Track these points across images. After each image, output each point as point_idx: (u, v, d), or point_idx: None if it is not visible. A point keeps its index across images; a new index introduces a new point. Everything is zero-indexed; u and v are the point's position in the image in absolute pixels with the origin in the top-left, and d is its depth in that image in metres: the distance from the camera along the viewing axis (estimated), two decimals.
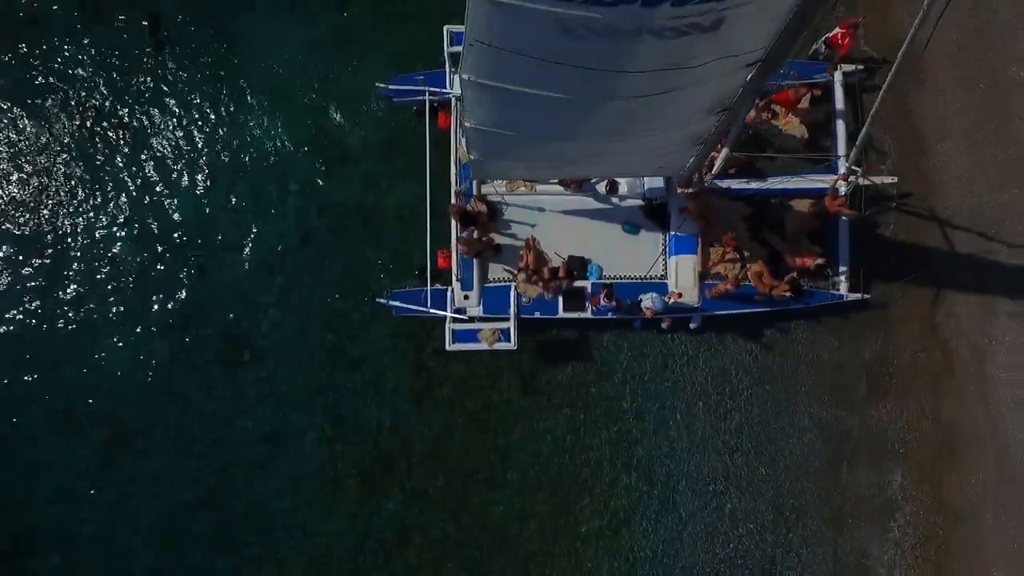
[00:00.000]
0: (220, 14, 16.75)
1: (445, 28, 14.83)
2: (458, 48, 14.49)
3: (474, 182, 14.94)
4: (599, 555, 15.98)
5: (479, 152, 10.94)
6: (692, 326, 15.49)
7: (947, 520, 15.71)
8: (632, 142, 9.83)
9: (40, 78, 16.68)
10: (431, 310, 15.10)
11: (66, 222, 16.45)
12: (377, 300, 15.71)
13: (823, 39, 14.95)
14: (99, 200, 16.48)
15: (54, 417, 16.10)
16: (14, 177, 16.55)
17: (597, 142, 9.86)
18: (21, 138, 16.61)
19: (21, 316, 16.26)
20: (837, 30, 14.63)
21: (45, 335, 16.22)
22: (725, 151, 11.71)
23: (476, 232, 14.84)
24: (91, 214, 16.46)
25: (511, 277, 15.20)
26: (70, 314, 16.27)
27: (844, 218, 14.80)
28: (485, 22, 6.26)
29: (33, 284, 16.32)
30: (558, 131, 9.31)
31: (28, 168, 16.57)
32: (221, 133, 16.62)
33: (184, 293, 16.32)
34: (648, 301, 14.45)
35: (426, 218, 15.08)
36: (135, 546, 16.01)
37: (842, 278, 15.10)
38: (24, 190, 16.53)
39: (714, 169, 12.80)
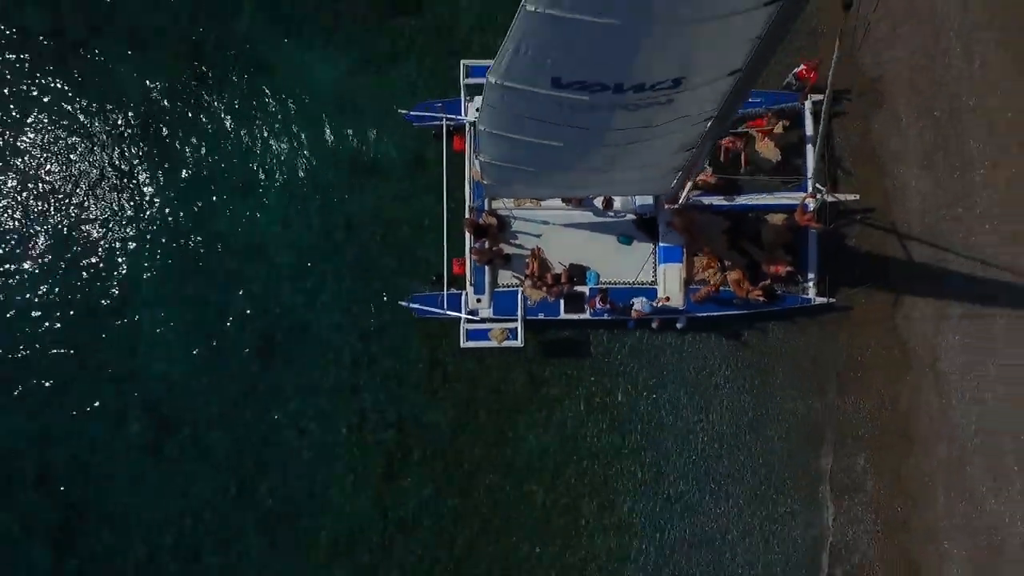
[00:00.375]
0: (258, 47, 18.77)
1: (462, 63, 16.88)
2: (473, 80, 16.64)
3: (486, 199, 16.93)
4: (595, 530, 18.00)
5: (491, 179, 12.97)
6: (678, 326, 17.42)
7: (905, 501, 17.62)
8: (620, 173, 11.86)
9: (90, 100, 18.74)
10: (447, 312, 17.11)
11: (110, 229, 18.49)
12: (399, 303, 17.71)
13: (792, 73, 16.88)
14: (144, 209, 18.52)
15: (103, 408, 18.20)
16: (73, 188, 18.65)
17: (592, 174, 11.90)
18: (75, 154, 18.66)
19: (72, 313, 18.38)
20: (802, 66, 16.57)
21: (96, 332, 18.31)
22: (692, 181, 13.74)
23: (487, 243, 16.84)
24: (135, 223, 18.48)
25: (518, 283, 17.19)
26: (114, 314, 18.36)
27: (813, 231, 16.75)
28: (498, 95, 8.29)
29: (86, 284, 18.45)
30: (558, 166, 11.36)
31: (83, 181, 18.62)
32: (261, 152, 18.56)
33: (222, 294, 18.33)
34: (639, 304, 16.45)
35: (443, 230, 17.15)
36: (173, 527, 18.08)
37: (811, 284, 17.04)
38: (76, 201, 18.63)
39: (682, 195, 14.77)
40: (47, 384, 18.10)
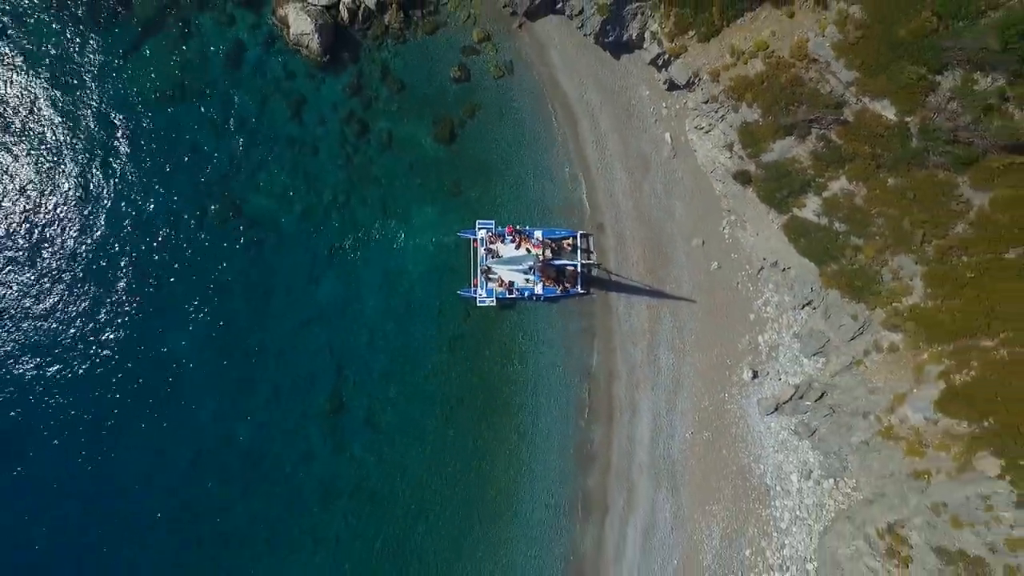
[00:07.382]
0: (401, 208, 58.21)
1: (477, 221, 56.81)
2: (479, 225, 57.11)
3: (487, 263, 56.74)
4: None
5: (489, 263, 53.05)
6: (543, 299, 57.65)
7: (609, 345, 58.10)
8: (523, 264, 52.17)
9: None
10: (472, 295, 57.09)
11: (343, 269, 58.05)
12: (456, 292, 57.37)
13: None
14: (369, 273, 58.25)
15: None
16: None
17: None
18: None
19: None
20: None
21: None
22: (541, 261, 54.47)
23: (486, 275, 56.79)
24: (360, 275, 58.16)
25: (495, 286, 57.15)
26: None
27: (581, 272, 57.13)
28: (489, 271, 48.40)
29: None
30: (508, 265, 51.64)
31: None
32: (405, 243, 57.79)
33: (403, 288, 57.90)
34: (527, 292, 56.81)
35: (470, 270, 56.95)
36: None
37: (579, 287, 57.43)
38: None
39: (539, 263, 55.36)
40: None
